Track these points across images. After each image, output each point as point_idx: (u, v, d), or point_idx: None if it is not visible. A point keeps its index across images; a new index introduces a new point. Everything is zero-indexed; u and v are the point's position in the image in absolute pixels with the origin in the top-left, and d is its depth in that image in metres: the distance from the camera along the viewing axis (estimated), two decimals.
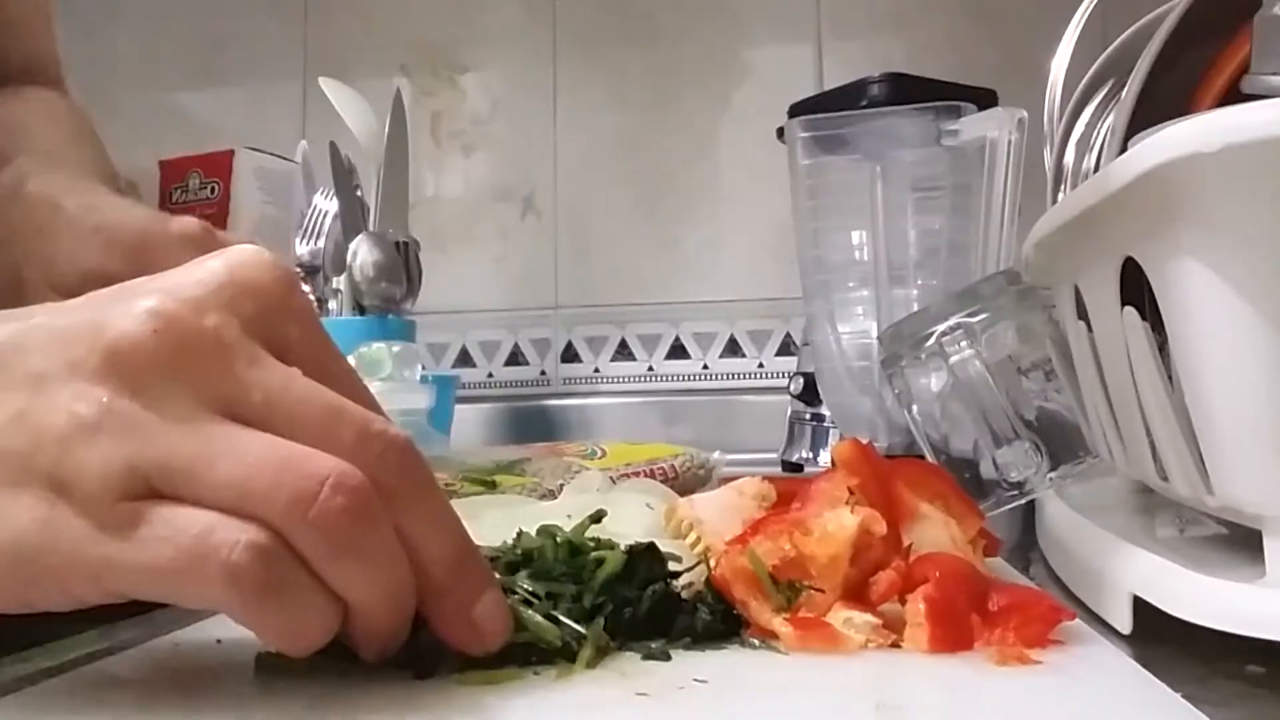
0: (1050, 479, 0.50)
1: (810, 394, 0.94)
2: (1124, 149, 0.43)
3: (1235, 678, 0.31)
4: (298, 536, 0.26)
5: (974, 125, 0.68)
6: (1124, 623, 0.35)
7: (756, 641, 0.33)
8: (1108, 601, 0.37)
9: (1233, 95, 0.43)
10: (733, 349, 1.34)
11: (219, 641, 0.34)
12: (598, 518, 0.38)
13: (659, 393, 1.34)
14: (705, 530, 0.39)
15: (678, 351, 1.35)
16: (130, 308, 0.27)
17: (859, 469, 0.37)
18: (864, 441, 0.39)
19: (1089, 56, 0.59)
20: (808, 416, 0.96)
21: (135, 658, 0.33)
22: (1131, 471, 0.42)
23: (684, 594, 0.35)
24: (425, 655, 0.29)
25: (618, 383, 1.36)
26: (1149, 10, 0.52)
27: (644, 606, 0.33)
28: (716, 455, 0.81)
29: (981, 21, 1.29)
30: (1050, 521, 0.49)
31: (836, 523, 0.34)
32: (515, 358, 1.39)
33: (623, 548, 0.35)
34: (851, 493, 0.36)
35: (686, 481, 0.74)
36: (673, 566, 0.36)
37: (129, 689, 0.30)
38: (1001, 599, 0.34)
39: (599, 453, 0.75)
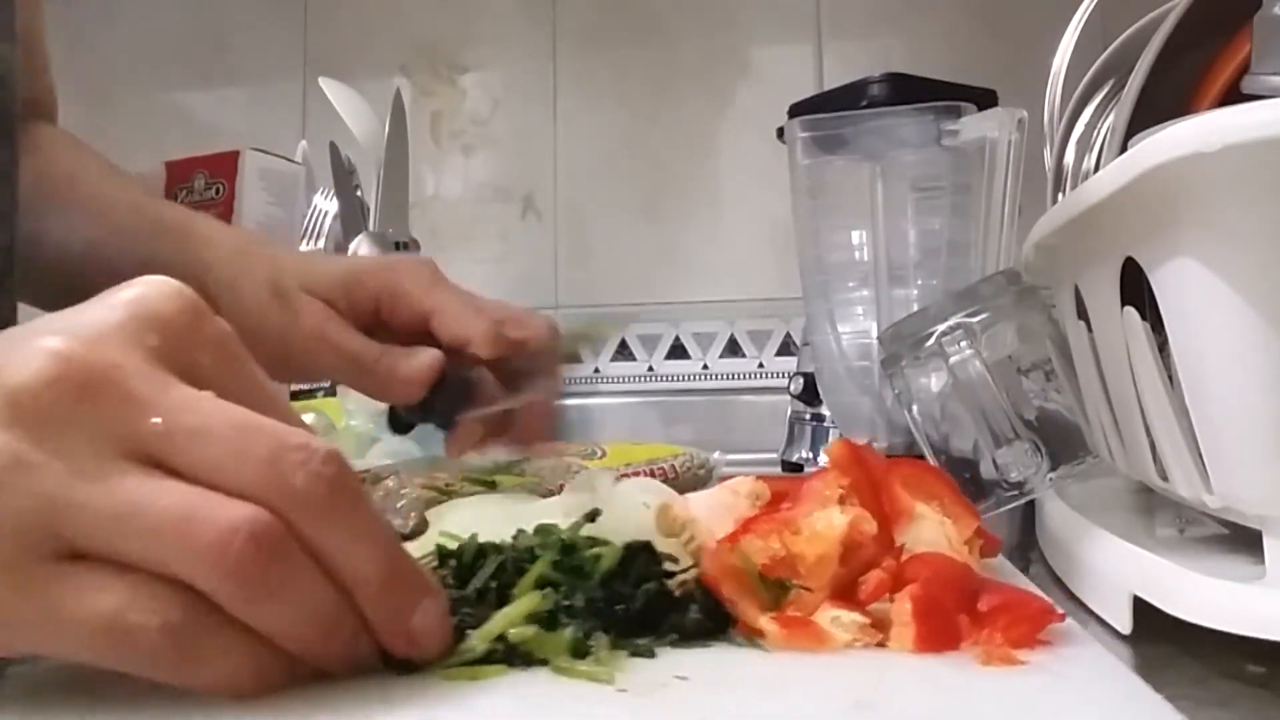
0: (1050, 479, 0.50)
1: (810, 394, 0.94)
2: (1124, 149, 0.43)
3: (1235, 678, 0.31)
4: (213, 589, 0.26)
5: (974, 125, 0.68)
6: (1124, 623, 0.35)
7: (743, 639, 0.33)
8: (1108, 601, 0.37)
9: (1233, 95, 0.43)
10: (733, 349, 1.34)
11: None
12: (593, 516, 0.38)
13: (659, 393, 1.34)
14: (698, 528, 0.39)
15: (678, 351, 1.35)
16: (31, 349, 0.26)
17: (851, 469, 0.37)
18: (859, 441, 0.40)
19: (1089, 56, 0.59)
20: (808, 416, 0.96)
21: None
22: (1131, 471, 0.42)
23: (677, 593, 0.35)
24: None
25: (618, 383, 1.36)
26: (1149, 10, 0.52)
27: (638, 604, 0.33)
28: (716, 455, 0.81)
29: (981, 21, 1.29)
30: (1050, 521, 0.49)
31: (826, 522, 0.34)
32: None
33: (619, 545, 0.35)
34: (843, 492, 0.37)
35: (687, 481, 0.74)
36: (669, 565, 0.36)
37: (129, 687, 0.30)
38: (992, 599, 0.34)
39: (599, 453, 0.75)
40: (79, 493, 0.25)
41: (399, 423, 0.58)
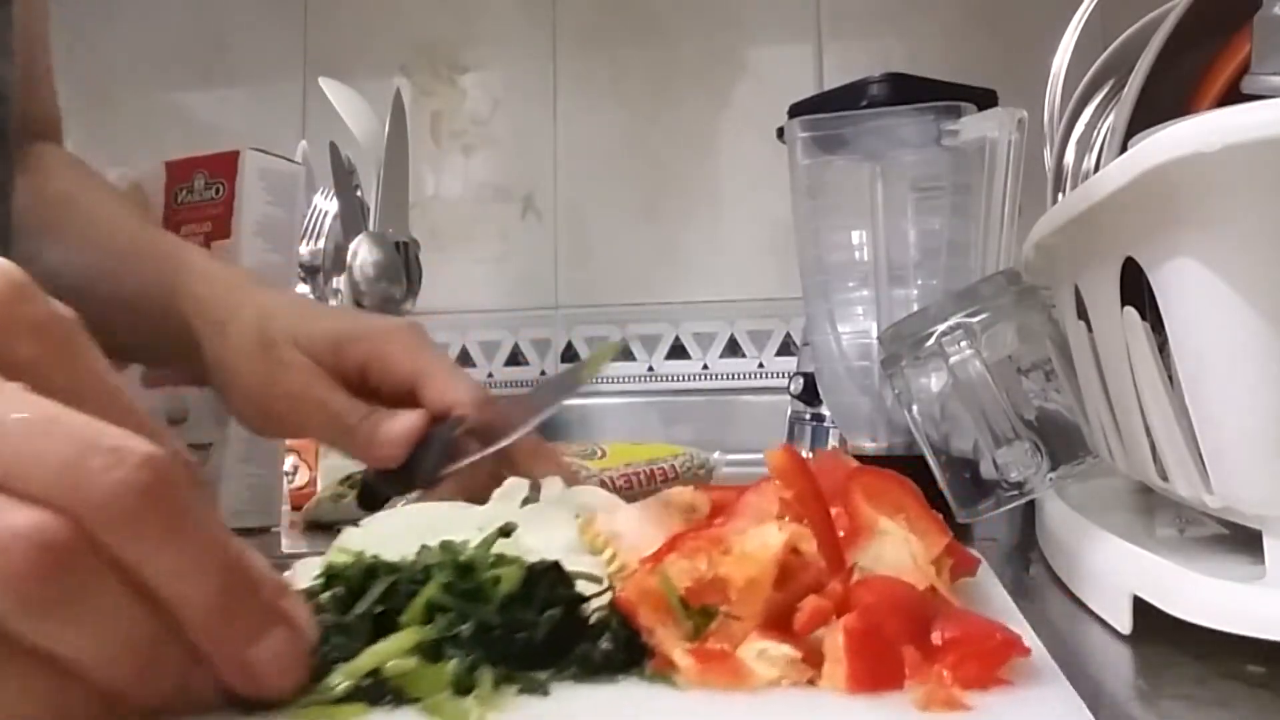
0: (1050, 479, 0.50)
1: (810, 394, 0.94)
2: (1124, 149, 0.43)
3: (1235, 678, 0.31)
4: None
5: (974, 125, 0.68)
6: (1124, 623, 0.35)
7: (655, 675, 0.29)
8: (1108, 601, 0.37)
9: (1233, 95, 0.43)
10: (733, 349, 1.34)
11: None
12: (507, 531, 0.35)
13: (659, 393, 1.34)
14: (622, 546, 0.35)
15: (678, 351, 1.35)
16: None
17: (793, 479, 0.33)
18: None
19: (1089, 56, 0.59)
20: (808, 416, 0.96)
21: None
22: (1131, 471, 0.42)
23: (592, 619, 0.31)
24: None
25: (618, 383, 1.36)
26: (1149, 10, 0.52)
27: (540, 632, 0.30)
28: (716, 455, 0.81)
29: (981, 21, 1.29)
30: (1050, 521, 0.49)
31: (759, 541, 0.30)
32: (515, 358, 1.39)
33: (523, 565, 0.31)
34: (784, 505, 0.33)
35: (686, 481, 0.74)
36: (585, 588, 0.32)
37: None
38: (948, 630, 0.29)
39: (599, 453, 0.75)
40: None
41: (372, 498, 0.56)
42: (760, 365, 1.33)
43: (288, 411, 0.57)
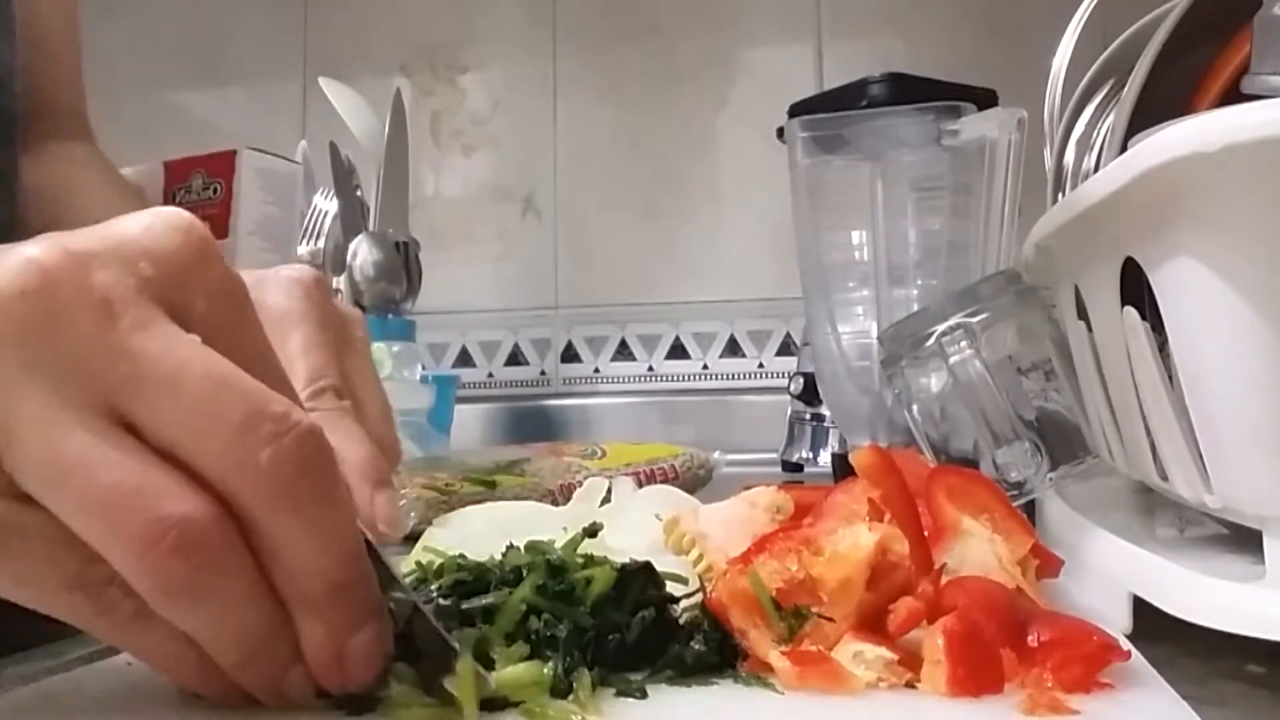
0: (1050, 479, 0.50)
1: (810, 394, 0.94)
2: (1124, 149, 0.43)
3: (1235, 678, 0.31)
4: (133, 580, 0.24)
5: (974, 125, 0.68)
6: (1124, 623, 0.35)
7: (750, 677, 0.29)
8: (1108, 601, 0.37)
9: (1233, 95, 0.43)
10: (733, 349, 1.34)
11: None
12: (593, 531, 0.35)
13: (659, 393, 1.34)
14: (709, 546, 0.36)
15: (678, 351, 1.35)
16: (14, 256, 0.24)
17: (882, 479, 0.33)
18: (885, 445, 0.36)
19: (1089, 56, 0.58)
20: (808, 416, 0.96)
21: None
22: (1131, 471, 0.42)
23: (682, 619, 0.31)
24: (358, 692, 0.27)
25: (618, 383, 1.36)
26: (1149, 10, 0.52)
27: (633, 634, 0.30)
28: (716, 455, 0.81)
29: (981, 21, 1.29)
30: (1050, 521, 0.49)
31: (851, 541, 0.30)
32: (515, 358, 1.39)
33: (615, 566, 0.32)
34: (873, 506, 0.33)
35: (687, 481, 0.74)
36: (674, 589, 0.32)
37: (128, 687, 0.30)
38: (1044, 632, 0.29)
39: (599, 453, 0.75)
40: (29, 438, 0.23)
41: None
42: (760, 365, 1.33)
43: None
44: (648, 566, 0.32)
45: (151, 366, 0.24)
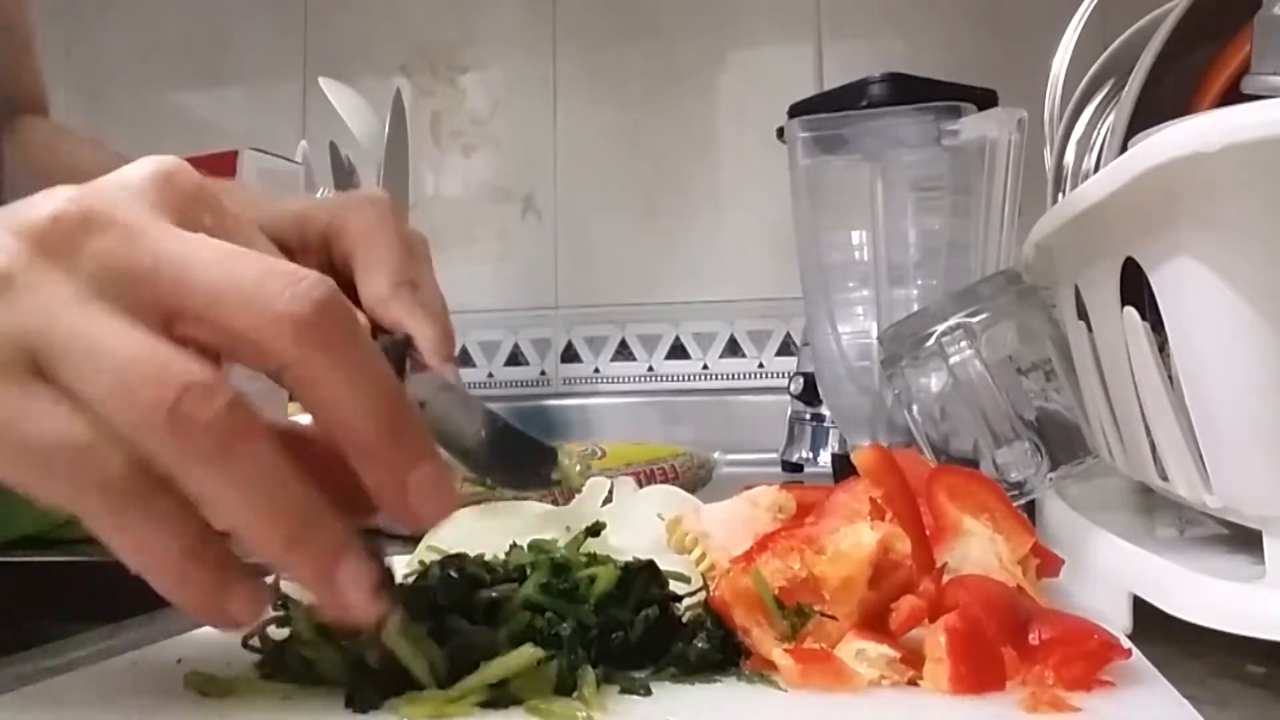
0: (1050, 479, 0.50)
1: (810, 394, 0.94)
2: (1124, 149, 0.43)
3: (1235, 678, 0.31)
4: (152, 447, 0.25)
5: (974, 125, 0.68)
6: (1124, 623, 0.35)
7: (754, 675, 0.29)
8: (1108, 601, 0.37)
9: (1233, 95, 0.43)
10: (733, 349, 1.34)
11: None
12: (595, 531, 0.35)
13: (659, 393, 1.34)
14: (711, 545, 0.36)
15: (678, 351, 1.35)
16: (48, 197, 0.27)
17: (884, 479, 0.33)
18: (888, 445, 0.36)
19: (1089, 56, 0.59)
20: (808, 416, 0.96)
21: (140, 658, 0.33)
22: (1131, 471, 0.42)
23: (685, 618, 0.32)
24: (365, 688, 0.27)
25: (618, 383, 1.36)
26: (1149, 10, 0.52)
27: (636, 631, 0.30)
28: (716, 455, 0.81)
29: (981, 21, 1.29)
30: (1050, 521, 0.49)
31: (853, 540, 0.30)
32: (515, 358, 1.39)
33: (618, 565, 0.32)
34: (874, 505, 0.33)
35: (687, 481, 0.74)
36: (677, 588, 0.32)
37: (129, 687, 0.30)
38: (1045, 631, 0.29)
39: (599, 453, 0.75)
40: (58, 321, 0.26)
41: None
42: (760, 365, 1.33)
43: None
44: (650, 565, 0.32)
45: (163, 251, 0.26)
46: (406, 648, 0.27)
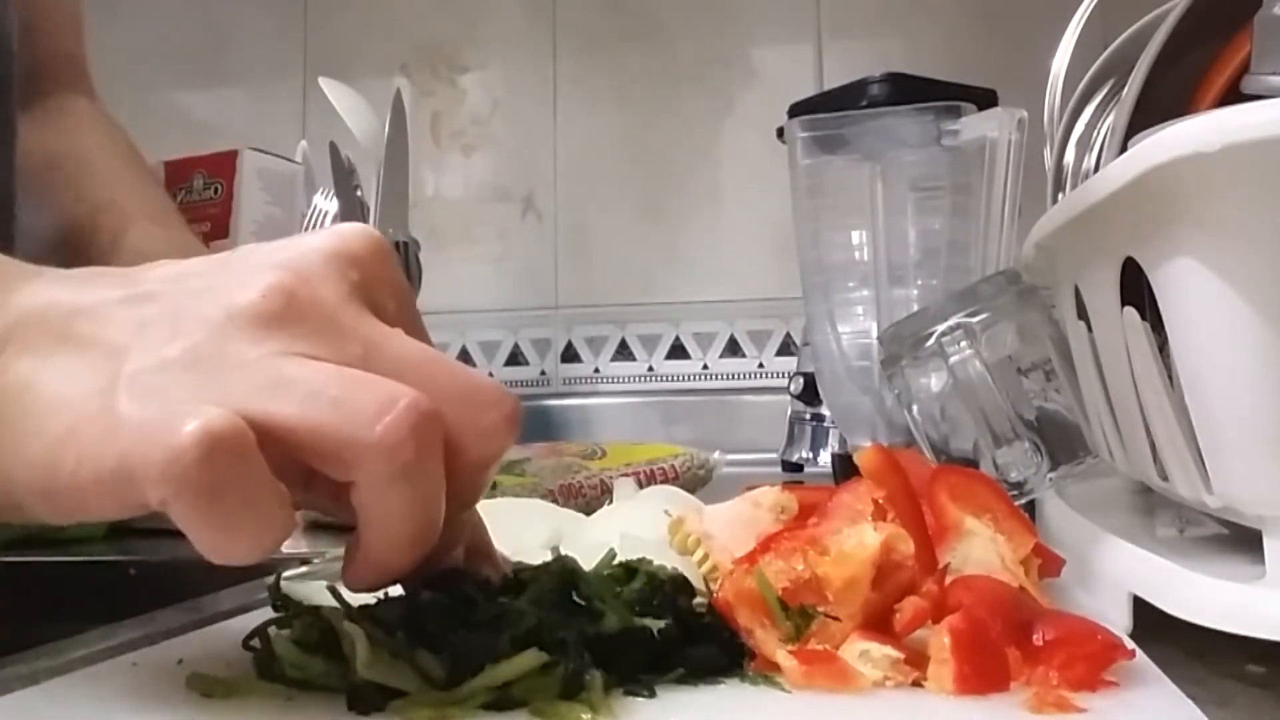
0: (1050, 479, 0.50)
1: (810, 394, 0.94)
2: (1124, 149, 0.43)
3: (1235, 678, 0.31)
4: (367, 454, 0.26)
5: (974, 125, 0.68)
6: (1124, 623, 0.35)
7: (758, 677, 0.29)
8: (1108, 601, 0.37)
9: (1233, 95, 0.43)
10: (733, 349, 1.34)
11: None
12: (611, 559, 0.35)
13: (659, 393, 1.34)
14: (713, 546, 0.36)
15: (678, 351, 1.35)
16: (252, 279, 0.28)
17: (886, 479, 0.33)
18: (888, 445, 0.36)
19: (1089, 56, 0.59)
20: (808, 416, 0.96)
21: (141, 658, 0.33)
22: (1131, 471, 0.42)
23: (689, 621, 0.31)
24: (365, 689, 0.27)
25: (618, 383, 1.36)
26: (1149, 10, 0.52)
27: (654, 641, 0.30)
28: (716, 455, 0.81)
29: (981, 21, 1.29)
30: (1050, 521, 0.49)
31: (856, 541, 0.30)
32: (515, 358, 1.39)
33: (648, 573, 0.32)
34: (877, 506, 0.33)
35: (687, 481, 0.74)
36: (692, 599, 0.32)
37: (130, 687, 0.30)
38: (1049, 631, 0.29)
39: (599, 453, 0.75)
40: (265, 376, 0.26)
41: None
42: (760, 365, 1.33)
43: None
44: (678, 576, 0.32)
45: (379, 350, 0.28)
46: (385, 672, 0.27)
